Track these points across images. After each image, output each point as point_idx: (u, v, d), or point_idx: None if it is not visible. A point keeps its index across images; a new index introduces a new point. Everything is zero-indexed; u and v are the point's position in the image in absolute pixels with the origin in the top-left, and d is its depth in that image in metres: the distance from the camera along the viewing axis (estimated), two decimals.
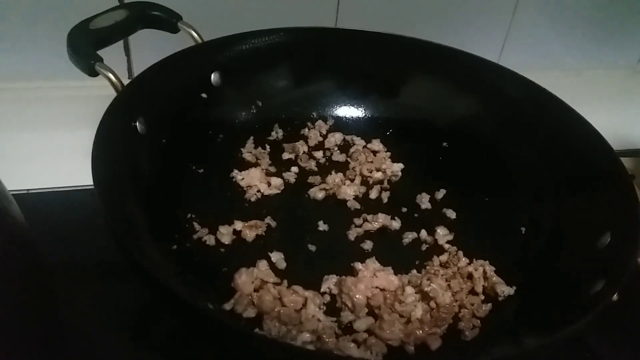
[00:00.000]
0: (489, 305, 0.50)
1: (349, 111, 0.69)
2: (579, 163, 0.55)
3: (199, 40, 0.60)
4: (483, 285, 0.51)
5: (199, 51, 0.60)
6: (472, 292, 0.51)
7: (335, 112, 0.69)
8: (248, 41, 0.62)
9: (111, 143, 0.47)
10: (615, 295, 0.41)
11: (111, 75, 0.51)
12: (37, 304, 0.35)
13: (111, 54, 0.56)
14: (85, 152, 0.45)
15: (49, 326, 0.37)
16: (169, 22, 0.60)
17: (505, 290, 0.50)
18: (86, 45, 0.53)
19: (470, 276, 0.52)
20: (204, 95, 0.61)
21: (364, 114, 0.69)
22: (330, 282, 0.50)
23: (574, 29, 0.92)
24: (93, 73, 0.52)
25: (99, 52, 0.54)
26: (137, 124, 0.53)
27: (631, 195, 0.47)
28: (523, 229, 0.57)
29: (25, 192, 0.60)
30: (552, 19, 0.90)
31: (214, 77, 0.61)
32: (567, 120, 0.58)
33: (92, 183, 0.42)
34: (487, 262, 0.53)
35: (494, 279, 0.51)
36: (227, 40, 0.61)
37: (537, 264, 0.52)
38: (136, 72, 0.76)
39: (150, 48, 0.61)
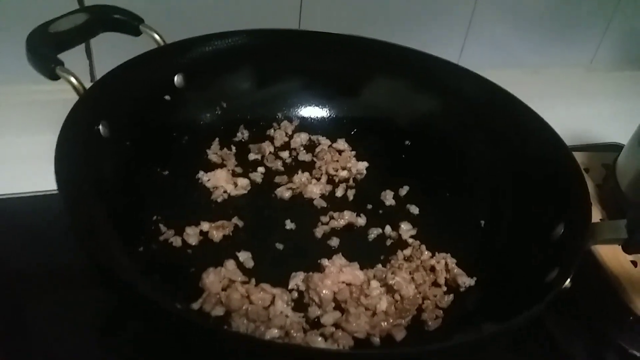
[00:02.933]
0: (451, 296, 0.52)
1: (314, 111, 0.70)
2: (535, 158, 0.57)
3: (162, 43, 0.60)
4: (445, 277, 0.53)
5: (162, 53, 0.60)
6: (435, 284, 0.53)
7: (301, 112, 0.70)
8: (211, 43, 0.62)
9: (74, 147, 0.47)
10: (567, 282, 0.43)
11: (73, 79, 0.51)
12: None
13: (73, 57, 0.55)
14: (48, 157, 0.44)
15: (12, 330, 0.37)
16: (131, 25, 0.59)
17: (466, 281, 0.52)
18: (46, 49, 0.52)
19: (432, 269, 0.54)
20: (167, 97, 0.61)
21: (328, 114, 0.70)
22: (297, 279, 0.51)
23: (532, 29, 0.95)
24: (54, 77, 0.51)
25: (60, 56, 0.53)
26: (100, 127, 0.52)
27: (583, 188, 0.49)
28: (482, 223, 0.59)
29: None
30: (510, 19, 0.93)
31: (177, 79, 0.61)
32: (522, 117, 0.60)
33: (55, 188, 0.42)
34: (448, 255, 0.55)
35: (455, 270, 0.53)
36: (189, 43, 0.61)
37: (496, 256, 0.55)
38: (98, 75, 0.75)
39: (112, 51, 0.61)
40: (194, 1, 0.73)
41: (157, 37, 0.60)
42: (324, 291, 0.49)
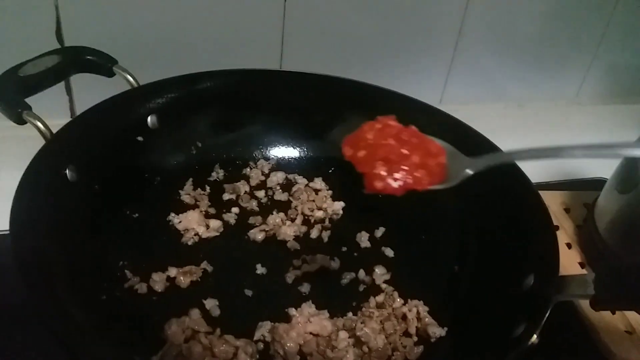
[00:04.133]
0: (421, 347, 0.51)
1: (290, 151, 0.70)
2: (503, 202, 0.56)
3: (135, 84, 0.60)
4: (416, 327, 0.52)
5: (134, 95, 0.60)
6: (406, 333, 0.52)
7: (278, 151, 0.70)
8: (185, 84, 0.62)
9: (35, 191, 0.47)
10: (534, 337, 0.42)
11: (39, 124, 0.51)
12: None
13: (53, 94, 0.55)
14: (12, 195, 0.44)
15: None
16: (104, 66, 0.59)
17: (437, 331, 0.51)
18: (14, 93, 0.52)
19: (404, 317, 0.53)
20: (140, 138, 0.60)
21: (305, 153, 0.70)
22: (264, 329, 0.50)
23: (516, 62, 0.95)
24: (21, 121, 0.51)
25: (36, 95, 0.53)
26: (67, 171, 0.52)
27: (551, 237, 0.48)
28: (456, 267, 0.58)
29: None
30: (495, 52, 0.93)
31: (150, 120, 0.61)
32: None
33: None
34: (421, 302, 0.54)
35: (427, 319, 0.52)
36: (163, 84, 0.61)
37: (468, 304, 0.54)
38: (78, 110, 0.75)
39: (92, 87, 0.61)
40: (170, 42, 0.73)
41: (130, 78, 0.60)
42: (288, 344, 0.48)
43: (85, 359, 0.37)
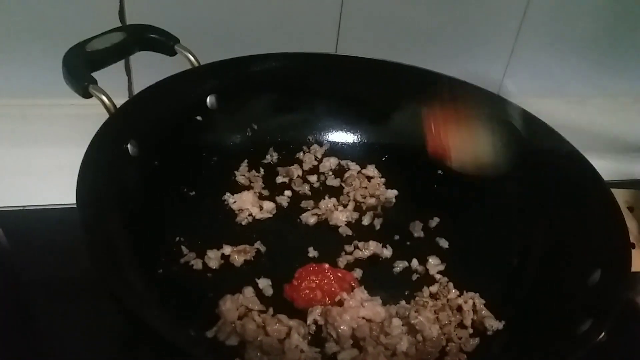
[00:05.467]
0: (477, 339, 0.49)
1: (344, 136, 0.69)
2: (571, 195, 0.54)
3: (196, 64, 0.60)
4: (472, 319, 0.50)
5: (195, 74, 0.60)
6: (461, 325, 0.50)
7: (331, 136, 0.69)
8: (245, 66, 0.62)
9: (99, 164, 0.47)
10: (602, 335, 0.40)
11: (104, 98, 0.52)
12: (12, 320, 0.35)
13: (112, 74, 0.56)
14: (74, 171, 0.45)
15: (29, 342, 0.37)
16: (166, 45, 0.60)
17: (494, 324, 0.50)
18: (81, 67, 0.53)
19: (459, 309, 0.51)
20: (199, 118, 0.61)
21: (359, 140, 0.69)
22: (316, 312, 0.49)
23: (578, 56, 0.92)
24: (87, 95, 0.52)
25: (97, 73, 0.54)
26: (129, 146, 0.53)
27: (621, 231, 0.46)
28: (515, 261, 0.56)
29: (11, 209, 0.61)
30: (556, 46, 0.90)
31: (209, 100, 0.61)
32: (559, 150, 0.57)
33: None
34: (477, 294, 0.52)
35: (484, 312, 0.51)
36: (223, 65, 0.61)
37: (527, 299, 0.52)
38: (136, 91, 0.77)
39: (150, 67, 0.61)
40: (230, 23, 0.74)
41: (191, 57, 0.60)
42: (342, 327, 0.47)
43: (145, 329, 0.37)
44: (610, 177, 0.76)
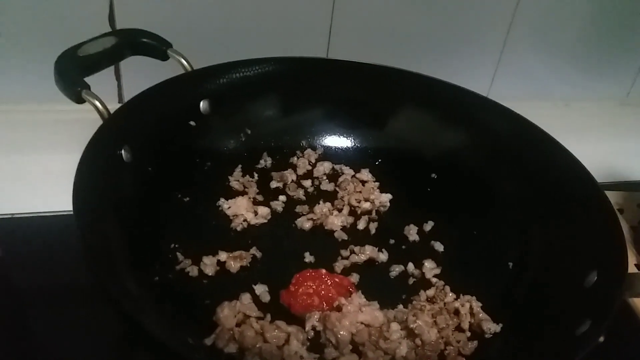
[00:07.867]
0: (475, 342, 0.49)
1: (338, 141, 0.69)
2: (565, 198, 0.55)
3: (189, 68, 0.60)
4: (469, 322, 0.51)
5: (188, 79, 0.59)
6: (459, 328, 0.50)
7: (325, 141, 0.69)
8: (238, 70, 0.62)
9: (94, 171, 0.47)
10: (601, 336, 0.40)
11: (98, 103, 0.51)
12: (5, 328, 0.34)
13: (101, 79, 0.55)
14: (71, 177, 0.44)
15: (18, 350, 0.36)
16: (159, 49, 0.59)
17: (491, 327, 0.50)
18: (73, 72, 0.52)
19: (456, 312, 0.51)
20: (192, 123, 0.60)
21: (353, 144, 0.69)
22: (314, 318, 0.49)
23: (565, 60, 0.93)
24: (80, 100, 0.51)
25: (89, 78, 0.53)
26: (123, 152, 0.52)
27: (617, 233, 0.47)
28: (510, 264, 0.56)
29: (3, 216, 0.60)
30: (543, 50, 0.91)
31: (202, 105, 0.61)
32: (553, 154, 0.58)
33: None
34: (473, 297, 0.52)
35: (481, 315, 0.51)
36: (216, 69, 0.61)
37: (524, 301, 0.52)
38: (126, 96, 0.76)
39: (141, 73, 0.61)
40: (222, 28, 0.73)
41: (184, 62, 0.60)
42: (341, 332, 0.47)
43: (145, 335, 0.36)
44: (599, 180, 0.78)
